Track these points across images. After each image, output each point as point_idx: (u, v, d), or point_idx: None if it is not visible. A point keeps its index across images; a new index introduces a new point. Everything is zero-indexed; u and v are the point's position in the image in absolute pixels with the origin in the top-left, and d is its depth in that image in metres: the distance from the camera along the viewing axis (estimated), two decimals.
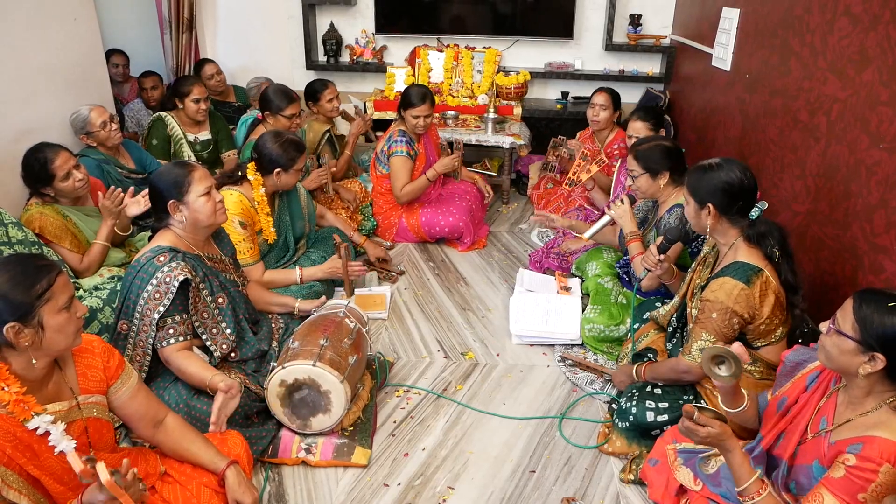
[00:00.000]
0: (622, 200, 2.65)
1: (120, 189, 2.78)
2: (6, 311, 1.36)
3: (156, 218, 2.14)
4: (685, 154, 2.69)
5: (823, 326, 1.49)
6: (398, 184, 3.62)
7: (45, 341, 1.41)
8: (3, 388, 1.36)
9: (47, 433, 1.41)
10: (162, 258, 1.99)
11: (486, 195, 3.95)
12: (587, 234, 2.94)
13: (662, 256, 2.26)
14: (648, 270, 2.31)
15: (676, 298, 2.28)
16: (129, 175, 3.20)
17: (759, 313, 1.91)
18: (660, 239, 2.26)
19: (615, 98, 3.67)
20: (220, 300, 2.15)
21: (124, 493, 1.33)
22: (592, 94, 3.72)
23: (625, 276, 2.90)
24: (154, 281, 1.96)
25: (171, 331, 2.00)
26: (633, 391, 2.18)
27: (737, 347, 1.62)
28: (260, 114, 3.45)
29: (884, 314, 1.37)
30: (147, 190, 2.82)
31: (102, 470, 1.31)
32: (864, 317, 1.39)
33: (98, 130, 3.08)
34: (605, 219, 2.83)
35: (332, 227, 3.32)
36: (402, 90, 3.69)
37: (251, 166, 2.68)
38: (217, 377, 1.96)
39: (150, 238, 2.18)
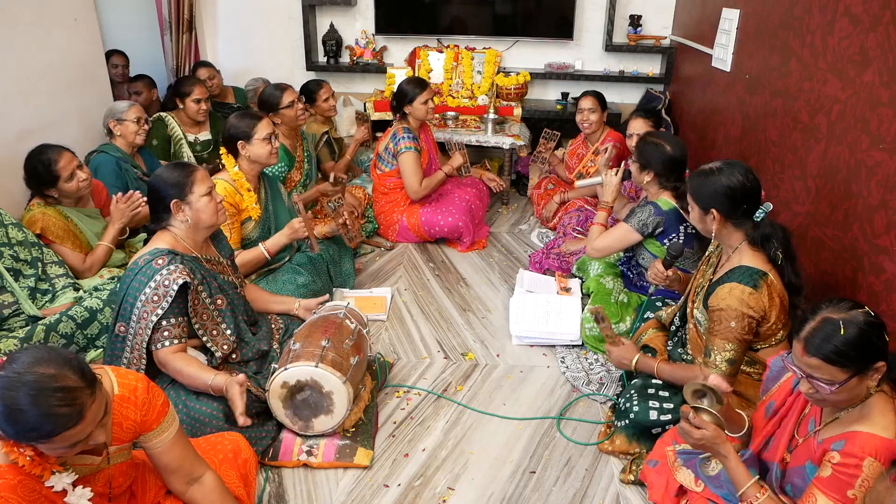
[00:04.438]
0: (616, 173, 2.81)
1: (139, 193, 2.80)
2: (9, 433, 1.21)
3: (153, 219, 2.13)
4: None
5: (806, 389, 1.46)
6: (415, 179, 3.61)
7: (43, 450, 1.26)
8: (19, 451, 1.25)
9: (65, 491, 1.32)
10: (161, 261, 1.98)
11: (498, 186, 3.95)
12: (579, 184, 3.14)
13: (670, 272, 2.29)
14: (657, 286, 2.37)
15: (682, 298, 2.29)
16: (143, 177, 3.22)
17: (768, 316, 1.91)
18: (664, 254, 2.31)
19: (601, 100, 3.73)
20: (219, 301, 2.15)
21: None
22: (578, 99, 3.78)
23: (628, 272, 2.90)
24: (152, 284, 1.96)
25: (166, 333, 1.99)
26: (633, 391, 2.18)
27: (713, 380, 1.64)
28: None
29: (848, 337, 1.36)
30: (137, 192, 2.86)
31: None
32: (841, 355, 1.36)
33: (130, 122, 3.14)
34: (598, 179, 2.98)
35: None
36: (394, 91, 3.69)
37: (222, 150, 2.73)
38: (219, 378, 1.96)
39: (145, 241, 2.17)
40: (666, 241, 2.55)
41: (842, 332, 1.36)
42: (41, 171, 2.58)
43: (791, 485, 1.57)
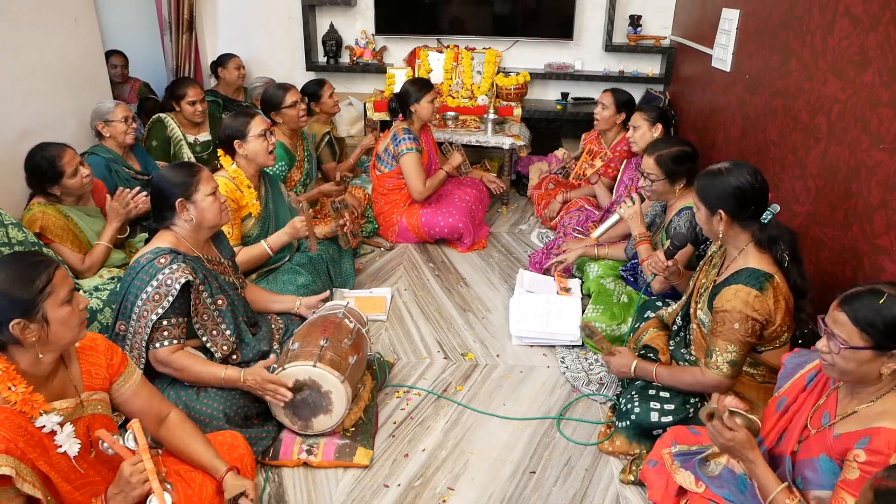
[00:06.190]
0: (632, 200, 2.63)
1: (129, 190, 2.79)
2: (10, 309, 1.36)
3: (156, 218, 2.13)
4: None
5: (822, 346, 1.47)
6: (419, 180, 3.60)
7: (52, 335, 1.42)
8: (10, 388, 1.37)
9: (53, 432, 1.42)
10: (163, 259, 1.99)
11: (498, 188, 3.94)
12: (595, 234, 2.94)
13: (671, 262, 2.26)
14: (656, 275, 2.31)
15: (683, 297, 2.28)
16: (136, 176, 3.20)
17: (773, 319, 1.90)
18: (667, 243, 2.26)
19: (619, 99, 3.59)
20: (220, 302, 2.15)
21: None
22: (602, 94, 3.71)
23: (630, 277, 2.89)
24: (154, 283, 1.96)
25: (165, 333, 1.99)
26: (633, 392, 2.18)
27: (730, 401, 1.61)
28: (269, 121, 3.42)
29: (884, 308, 1.37)
30: (140, 189, 2.86)
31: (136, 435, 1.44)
32: (867, 321, 1.38)
33: (118, 122, 3.11)
34: (614, 218, 2.80)
35: None
36: (397, 91, 3.69)
37: (219, 151, 2.74)
38: (231, 371, 2.04)
39: (147, 240, 2.17)
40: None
41: (881, 301, 1.37)
42: (45, 167, 2.57)
43: (801, 478, 1.55)
